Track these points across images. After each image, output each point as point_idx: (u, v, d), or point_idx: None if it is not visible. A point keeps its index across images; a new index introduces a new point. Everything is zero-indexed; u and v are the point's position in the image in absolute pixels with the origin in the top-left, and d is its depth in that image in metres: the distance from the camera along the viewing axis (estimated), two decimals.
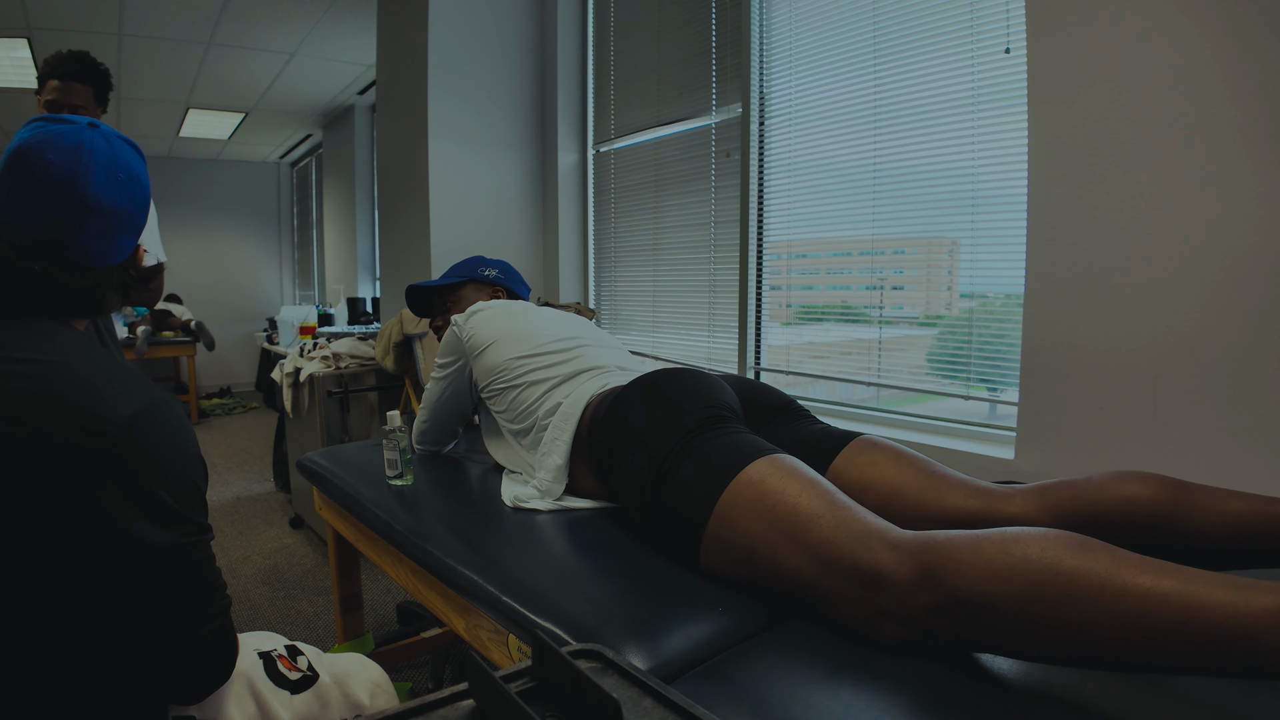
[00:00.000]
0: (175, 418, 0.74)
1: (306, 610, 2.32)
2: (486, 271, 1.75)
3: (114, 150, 0.79)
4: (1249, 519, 0.87)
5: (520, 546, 1.14)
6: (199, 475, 0.76)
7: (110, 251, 0.80)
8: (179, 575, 0.71)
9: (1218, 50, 1.33)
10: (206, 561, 0.75)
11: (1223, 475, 1.35)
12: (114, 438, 0.67)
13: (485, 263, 1.77)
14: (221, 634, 0.76)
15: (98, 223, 0.77)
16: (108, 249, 0.79)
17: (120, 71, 4.50)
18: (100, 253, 0.79)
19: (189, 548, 0.72)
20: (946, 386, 2.01)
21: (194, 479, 0.74)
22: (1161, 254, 1.42)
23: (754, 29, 2.39)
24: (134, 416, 0.69)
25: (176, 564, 0.71)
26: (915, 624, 0.78)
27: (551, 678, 0.50)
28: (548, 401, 1.36)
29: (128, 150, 0.82)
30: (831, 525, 0.85)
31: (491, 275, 1.74)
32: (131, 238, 0.83)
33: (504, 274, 1.76)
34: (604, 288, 3.23)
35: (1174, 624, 0.63)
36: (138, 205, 0.82)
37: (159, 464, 0.70)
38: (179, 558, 0.71)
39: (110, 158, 0.78)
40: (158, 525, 0.69)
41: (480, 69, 3.07)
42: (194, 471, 0.75)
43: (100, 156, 0.77)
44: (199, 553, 0.74)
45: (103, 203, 0.77)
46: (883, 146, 2.06)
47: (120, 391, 0.71)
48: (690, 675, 0.78)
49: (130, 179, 0.80)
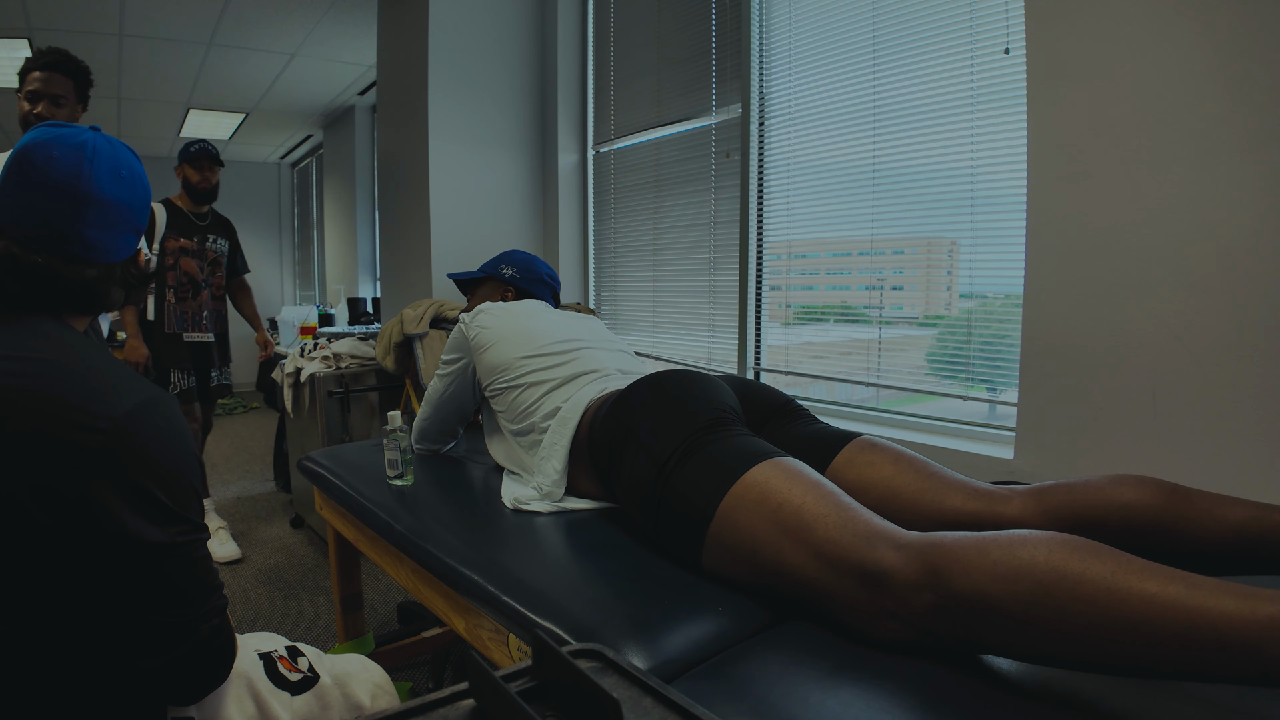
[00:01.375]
0: (170, 416, 0.75)
1: (307, 610, 2.32)
2: (504, 270, 1.76)
3: (116, 150, 0.81)
4: (1249, 527, 0.87)
5: (520, 546, 1.14)
6: (193, 474, 0.76)
7: (113, 247, 0.81)
8: (174, 573, 0.71)
9: (1218, 50, 1.33)
10: (202, 560, 0.75)
11: (1221, 475, 1.35)
12: (109, 434, 0.67)
13: (511, 260, 1.78)
14: (218, 633, 0.76)
15: (100, 215, 0.78)
16: (110, 244, 0.80)
17: (120, 71, 4.50)
18: (103, 246, 0.79)
19: (184, 546, 0.72)
20: (946, 387, 2.01)
21: (188, 477, 0.75)
22: (1161, 254, 1.42)
23: (754, 29, 2.39)
24: (129, 414, 0.69)
25: (171, 561, 0.71)
26: (919, 624, 0.78)
27: (551, 678, 0.50)
28: (546, 404, 1.36)
29: (129, 153, 0.84)
30: (836, 525, 0.85)
31: (507, 274, 1.76)
32: (132, 236, 0.83)
33: (521, 273, 1.76)
34: (604, 288, 3.23)
35: (1178, 630, 0.63)
36: (139, 202, 0.83)
37: (153, 461, 0.70)
38: (174, 555, 0.71)
39: (113, 155, 0.80)
40: (152, 522, 0.69)
41: (480, 69, 3.07)
42: (188, 469, 0.75)
43: (104, 152, 0.79)
44: (194, 551, 0.74)
45: (105, 194, 0.78)
46: (882, 147, 2.06)
47: (116, 389, 0.71)
48: (690, 675, 0.79)
49: (133, 177, 0.82)
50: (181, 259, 2.79)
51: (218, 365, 2.95)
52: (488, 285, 1.77)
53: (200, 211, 2.90)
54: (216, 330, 2.92)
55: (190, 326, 2.83)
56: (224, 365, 3.00)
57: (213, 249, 2.90)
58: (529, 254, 1.82)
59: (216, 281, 2.93)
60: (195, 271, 2.82)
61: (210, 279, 2.89)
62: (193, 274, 2.82)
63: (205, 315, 2.86)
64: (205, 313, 2.86)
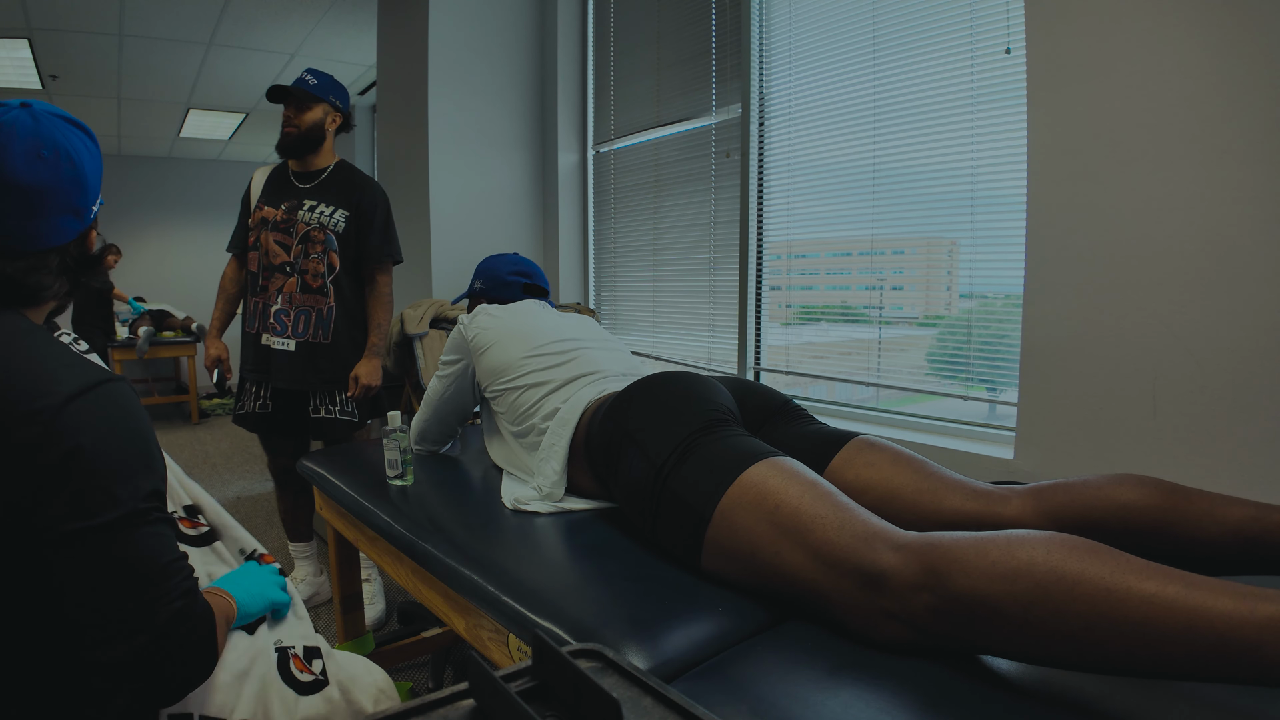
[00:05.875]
0: (114, 398, 0.70)
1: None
2: (476, 284, 1.78)
3: (40, 127, 0.74)
4: (1248, 527, 0.87)
5: (520, 547, 1.14)
6: (143, 456, 0.71)
7: (41, 234, 0.75)
8: (121, 557, 0.67)
9: (1218, 50, 1.33)
10: (153, 539, 0.70)
11: (1221, 475, 1.35)
12: (45, 425, 0.64)
13: (479, 272, 1.79)
14: (183, 618, 0.70)
15: (20, 203, 0.73)
16: (39, 231, 0.75)
17: (120, 71, 4.51)
18: (30, 235, 0.74)
19: (131, 529, 0.68)
20: (946, 387, 2.01)
21: (135, 460, 0.70)
22: (1161, 254, 1.42)
23: (754, 29, 2.39)
24: (66, 402, 0.66)
25: (117, 546, 0.66)
26: (917, 625, 0.78)
27: (551, 678, 0.50)
28: (545, 405, 1.36)
29: (62, 127, 0.76)
30: (835, 526, 0.85)
31: (478, 288, 1.78)
32: (69, 218, 0.77)
33: (486, 282, 1.77)
34: (604, 288, 3.23)
35: (1177, 630, 0.63)
36: (70, 183, 0.76)
37: (94, 453, 0.66)
38: (118, 540, 0.67)
39: (34, 134, 0.73)
40: (93, 511, 0.65)
41: (480, 69, 3.07)
42: (135, 452, 0.70)
43: (22, 133, 0.73)
44: (142, 533, 0.69)
45: (22, 181, 0.72)
46: (882, 147, 2.06)
47: (55, 377, 0.67)
48: (690, 675, 0.79)
49: (58, 156, 0.75)
50: (263, 234, 2.05)
51: (314, 387, 2.07)
52: (474, 304, 1.80)
53: (305, 170, 2.10)
54: (308, 336, 2.05)
55: (260, 325, 2.07)
56: (330, 388, 2.08)
57: (307, 220, 2.03)
58: (498, 256, 1.82)
59: (311, 266, 2.03)
60: (276, 250, 2.04)
61: (302, 262, 2.04)
62: (273, 253, 2.04)
63: (276, 311, 2.03)
64: (277, 308, 2.03)
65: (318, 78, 2.07)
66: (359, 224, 2.09)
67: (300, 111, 2.05)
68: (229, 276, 2.23)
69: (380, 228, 2.13)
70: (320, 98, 2.05)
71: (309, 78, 2.06)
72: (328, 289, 2.06)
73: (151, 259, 6.90)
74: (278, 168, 2.17)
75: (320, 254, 2.04)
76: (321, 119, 2.07)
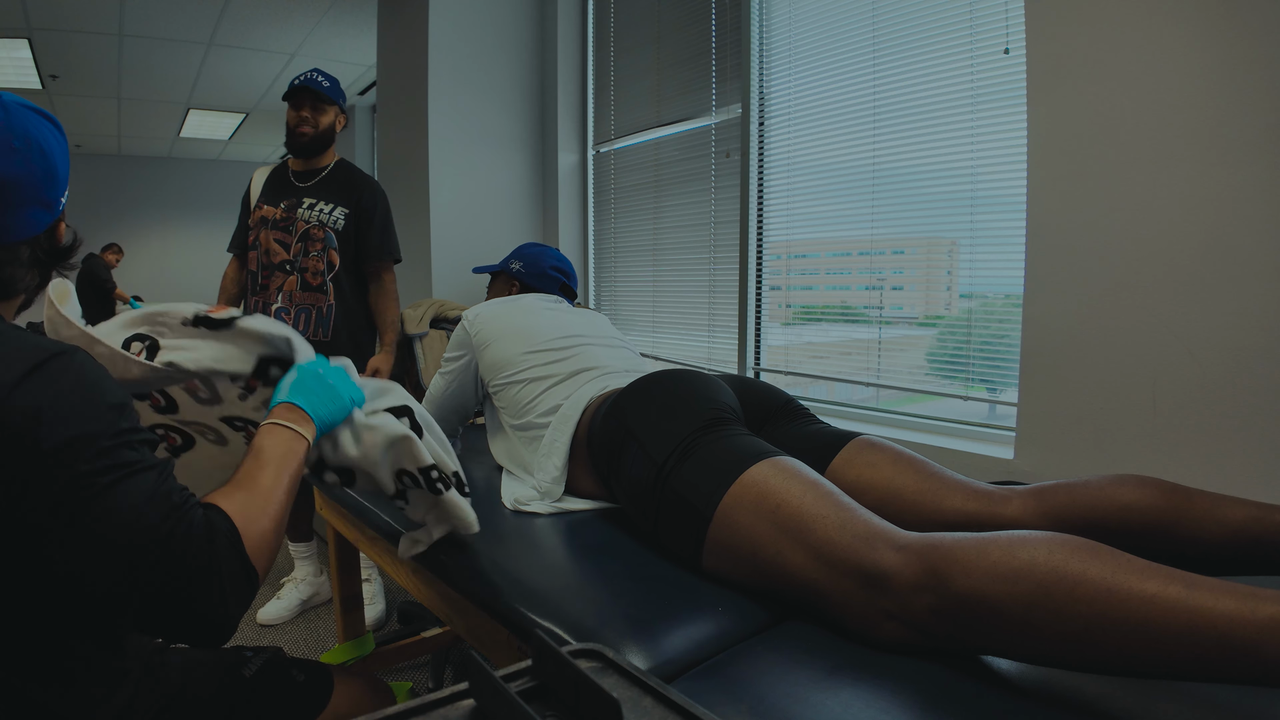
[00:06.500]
0: (71, 368, 0.67)
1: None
2: (514, 265, 1.79)
3: (11, 118, 0.73)
4: (1249, 527, 0.87)
5: (520, 547, 1.14)
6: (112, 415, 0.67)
7: (15, 226, 0.74)
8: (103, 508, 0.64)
9: (1218, 50, 1.33)
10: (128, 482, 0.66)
11: (1222, 475, 1.35)
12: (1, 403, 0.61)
13: (520, 254, 1.81)
14: (176, 539, 0.66)
15: None
16: (10, 224, 0.74)
17: (120, 71, 4.51)
18: (1, 227, 0.73)
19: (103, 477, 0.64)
20: (946, 387, 2.01)
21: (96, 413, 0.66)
22: (1161, 254, 1.42)
23: (754, 29, 2.39)
24: (19, 381, 0.63)
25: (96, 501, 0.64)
26: (918, 625, 0.78)
27: (551, 678, 0.50)
28: (546, 401, 1.36)
29: (32, 118, 0.75)
30: (836, 526, 0.85)
31: (515, 269, 1.78)
32: (38, 209, 0.76)
33: (527, 267, 1.78)
34: (604, 288, 3.23)
35: (1178, 631, 0.63)
36: (39, 175, 0.75)
37: (54, 418, 0.63)
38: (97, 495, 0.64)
39: (6, 126, 0.72)
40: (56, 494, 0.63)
41: (480, 69, 3.07)
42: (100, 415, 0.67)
43: None
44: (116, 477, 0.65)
45: None
46: (882, 146, 2.06)
47: (6, 358, 0.64)
48: (690, 675, 0.79)
49: (28, 147, 0.73)
50: (262, 233, 2.06)
51: None
52: (500, 279, 1.82)
53: (306, 169, 2.12)
54: (308, 334, 2.04)
55: None
56: None
57: (307, 218, 2.04)
58: (542, 247, 1.84)
59: (311, 264, 2.04)
60: (276, 248, 2.05)
61: (302, 260, 2.04)
62: (273, 251, 2.05)
63: (276, 310, 2.03)
64: (277, 306, 2.03)
65: (329, 80, 2.11)
66: (359, 222, 2.11)
67: (318, 113, 2.08)
68: (230, 277, 2.24)
69: (380, 226, 2.15)
70: (334, 100, 2.11)
71: (322, 80, 2.08)
72: (327, 287, 2.07)
73: (151, 259, 6.91)
74: (277, 167, 2.18)
75: (320, 252, 2.05)
76: (333, 121, 2.13)
